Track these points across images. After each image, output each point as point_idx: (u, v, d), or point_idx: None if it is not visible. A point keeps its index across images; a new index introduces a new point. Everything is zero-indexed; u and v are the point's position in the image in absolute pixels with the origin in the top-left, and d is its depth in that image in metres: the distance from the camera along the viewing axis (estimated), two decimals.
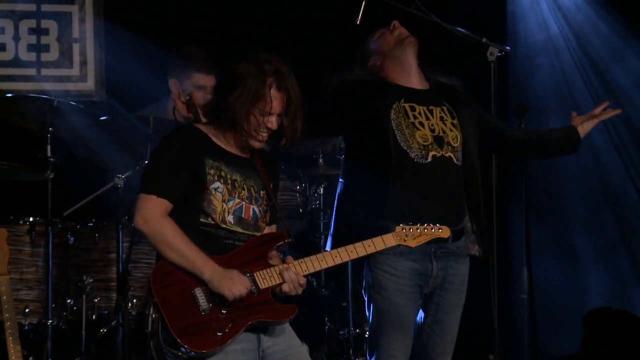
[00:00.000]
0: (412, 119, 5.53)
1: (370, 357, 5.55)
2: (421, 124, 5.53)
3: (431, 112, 5.60)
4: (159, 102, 7.31)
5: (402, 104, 5.55)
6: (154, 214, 4.70)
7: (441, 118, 5.60)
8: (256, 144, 4.89)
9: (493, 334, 6.04)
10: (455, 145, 5.57)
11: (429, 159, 5.48)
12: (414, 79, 5.68)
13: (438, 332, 5.57)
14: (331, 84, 5.70)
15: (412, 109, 5.56)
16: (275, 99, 4.82)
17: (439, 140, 5.53)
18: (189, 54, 7.11)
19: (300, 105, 4.88)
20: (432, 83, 5.74)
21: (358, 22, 6.09)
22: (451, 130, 5.59)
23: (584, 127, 5.95)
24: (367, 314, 5.56)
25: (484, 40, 6.10)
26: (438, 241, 5.26)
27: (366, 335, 5.67)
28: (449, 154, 5.53)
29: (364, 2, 6.09)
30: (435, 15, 6.08)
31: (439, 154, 5.50)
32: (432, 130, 5.54)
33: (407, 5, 6.09)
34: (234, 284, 4.65)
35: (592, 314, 7.37)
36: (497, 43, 5.99)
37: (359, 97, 5.57)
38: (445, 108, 5.65)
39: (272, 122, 4.84)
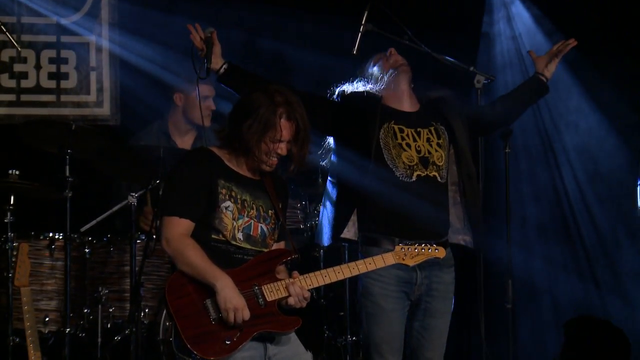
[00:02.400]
0: (399, 140, 5.60)
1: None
2: (408, 145, 5.60)
3: (419, 134, 5.66)
4: (161, 120, 7.36)
5: (392, 125, 5.63)
6: (175, 234, 4.77)
7: (428, 139, 5.66)
8: (267, 168, 4.96)
9: (480, 341, 6.08)
10: (440, 164, 5.64)
11: (414, 178, 5.56)
12: (406, 103, 5.75)
13: (427, 336, 5.62)
14: (334, 91, 5.79)
15: (401, 130, 5.62)
16: (285, 128, 4.89)
17: (424, 161, 5.60)
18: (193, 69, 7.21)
19: (308, 133, 4.95)
20: (423, 104, 5.79)
21: (355, 52, 6.16)
22: (436, 150, 5.65)
23: (549, 69, 6.00)
24: (362, 319, 5.62)
25: (472, 68, 6.16)
26: None
27: (362, 342, 5.68)
28: (434, 173, 5.60)
29: (360, 34, 6.16)
30: (433, 44, 6.17)
31: (423, 174, 5.57)
32: (418, 152, 5.60)
33: (400, 36, 6.16)
34: (232, 300, 4.70)
35: (574, 322, 7.31)
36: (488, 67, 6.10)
37: (355, 108, 5.64)
38: (432, 129, 5.70)
39: (282, 148, 4.92)
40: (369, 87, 5.80)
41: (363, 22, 6.14)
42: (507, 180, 6.27)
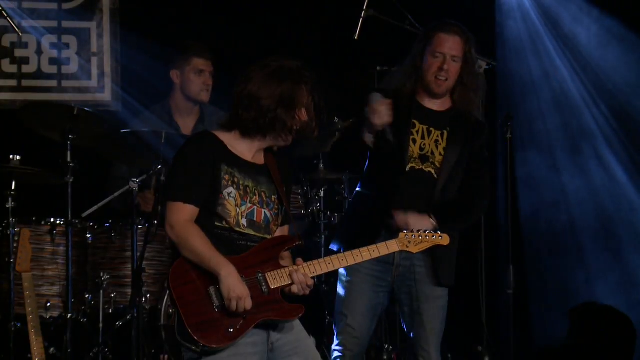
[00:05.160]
0: (407, 134, 5.48)
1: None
2: (414, 140, 5.49)
3: (429, 132, 5.52)
4: (163, 102, 7.32)
5: (411, 119, 5.50)
6: (179, 220, 4.69)
7: (436, 141, 5.53)
8: (290, 141, 4.91)
9: (481, 327, 6.05)
10: (439, 166, 5.49)
11: (407, 169, 5.46)
12: (436, 103, 5.58)
13: (418, 322, 5.52)
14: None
15: (413, 125, 5.50)
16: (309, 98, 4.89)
17: (424, 158, 5.49)
18: (187, 44, 7.18)
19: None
20: (454, 108, 5.59)
21: (356, 38, 6.10)
22: (440, 154, 5.51)
23: None
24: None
25: None
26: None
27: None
28: (429, 169, 5.49)
29: (361, 19, 6.10)
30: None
31: (418, 167, 5.47)
32: (422, 149, 5.49)
33: (401, 21, 6.10)
34: (235, 289, 4.63)
35: (578, 309, 7.30)
36: (486, 53, 6.01)
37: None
38: (445, 132, 5.53)
39: (303, 113, 4.85)
40: (407, 78, 5.56)
41: (364, 8, 6.10)
42: (508, 165, 6.24)
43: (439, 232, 5.15)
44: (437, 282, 5.50)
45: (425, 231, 5.13)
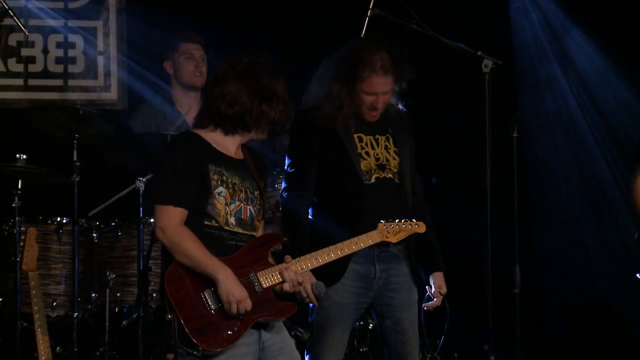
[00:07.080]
0: (359, 150, 5.44)
1: (307, 354, 5.46)
2: (367, 153, 5.46)
3: (377, 141, 5.50)
4: (164, 94, 7.37)
5: (352, 134, 5.46)
6: (170, 224, 4.66)
7: (385, 147, 5.51)
8: (266, 134, 4.92)
9: (487, 326, 6.03)
10: (395, 170, 5.48)
11: (373, 180, 5.43)
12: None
13: (401, 330, 5.50)
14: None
15: (360, 139, 5.46)
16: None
17: (381, 167, 5.46)
18: (176, 34, 7.27)
19: None
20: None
21: (362, 37, 6.08)
22: (394, 158, 5.49)
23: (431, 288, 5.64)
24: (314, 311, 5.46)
25: (479, 53, 6.09)
26: (381, 245, 5.21)
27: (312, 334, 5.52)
28: (390, 175, 5.46)
29: (367, 18, 6.09)
30: (440, 29, 6.08)
31: (381, 176, 5.44)
32: (377, 159, 5.46)
33: (407, 20, 6.09)
34: (234, 292, 4.62)
35: (577, 308, 7.30)
36: (498, 52, 6.00)
37: (324, 131, 5.44)
38: (389, 136, 5.52)
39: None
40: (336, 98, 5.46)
41: (370, 6, 6.09)
42: (514, 164, 6.21)
43: (414, 220, 5.19)
44: (415, 282, 5.50)
45: (402, 220, 5.16)
